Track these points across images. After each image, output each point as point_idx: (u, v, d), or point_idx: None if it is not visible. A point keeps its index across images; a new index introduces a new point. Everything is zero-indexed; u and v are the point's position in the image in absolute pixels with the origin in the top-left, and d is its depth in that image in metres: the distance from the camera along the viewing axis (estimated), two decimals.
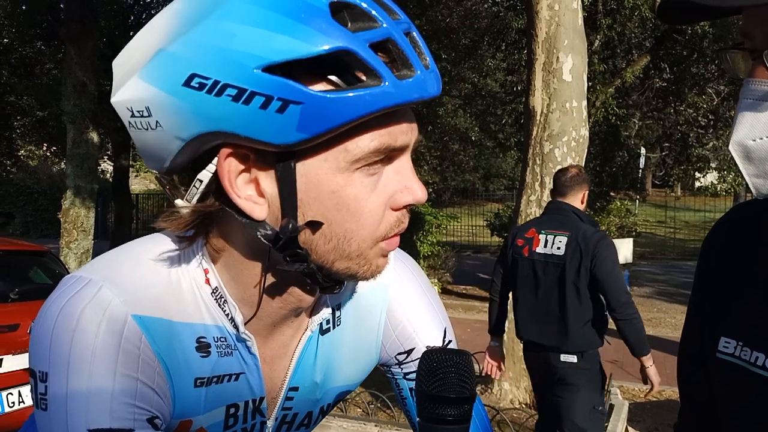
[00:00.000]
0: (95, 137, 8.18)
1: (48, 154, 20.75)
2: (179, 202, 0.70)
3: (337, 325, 0.87)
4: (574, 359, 3.14)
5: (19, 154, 19.70)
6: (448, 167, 17.04)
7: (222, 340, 0.77)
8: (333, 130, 0.63)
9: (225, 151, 0.65)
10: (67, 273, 4.81)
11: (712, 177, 18.50)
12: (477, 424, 0.91)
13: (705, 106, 10.89)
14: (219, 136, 0.64)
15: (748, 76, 0.69)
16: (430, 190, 13.98)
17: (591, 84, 8.32)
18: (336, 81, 0.63)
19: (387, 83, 0.62)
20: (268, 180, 0.67)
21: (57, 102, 9.78)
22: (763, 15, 0.67)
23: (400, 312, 0.91)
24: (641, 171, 17.39)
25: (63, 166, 16.50)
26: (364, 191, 0.68)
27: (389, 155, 0.69)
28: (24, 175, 21.20)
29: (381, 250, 0.72)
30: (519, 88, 10.49)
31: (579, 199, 3.21)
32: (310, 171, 0.66)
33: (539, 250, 3.17)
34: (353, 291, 0.88)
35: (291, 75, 0.61)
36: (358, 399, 5.11)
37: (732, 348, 0.79)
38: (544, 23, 5.12)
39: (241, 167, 0.67)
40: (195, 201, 0.69)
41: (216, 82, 0.61)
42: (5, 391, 3.80)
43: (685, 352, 0.92)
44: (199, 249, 0.76)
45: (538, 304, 3.19)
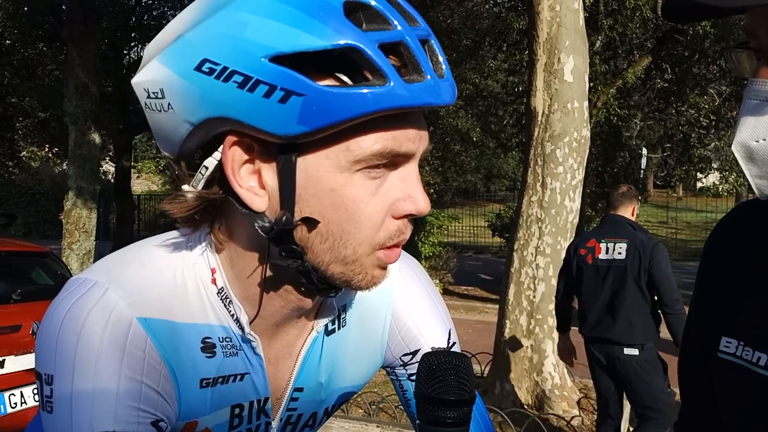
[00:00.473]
0: (97, 138, 8.19)
1: (50, 155, 20.79)
2: (185, 187, 0.71)
3: (343, 327, 0.87)
4: (636, 352, 3.59)
5: (21, 155, 19.75)
6: (449, 168, 17.03)
7: (227, 340, 0.77)
8: (334, 125, 0.63)
9: (230, 139, 0.66)
10: (69, 274, 4.84)
11: (713, 177, 18.51)
12: (480, 425, 0.91)
13: (707, 106, 10.87)
14: (225, 122, 0.65)
15: (752, 76, 0.68)
16: (431, 190, 13.97)
17: (592, 84, 8.32)
18: (344, 78, 0.63)
19: (392, 84, 0.62)
20: (270, 172, 0.67)
21: (59, 103, 9.78)
22: None
23: (405, 314, 0.91)
24: (643, 172, 17.38)
25: (65, 167, 16.51)
26: (364, 193, 0.67)
27: (394, 161, 0.68)
28: (26, 176, 21.24)
29: (378, 260, 0.71)
30: (520, 88, 10.48)
31: (630, 212, 3.73)
32: (310, 166, 0.66)
33: (602, 256, 3.65)
34: (359, 293, 0.88)
35: (300, 68, 0.61)
36: (359, 400, 5.10)
37: (733, 348, 0.78)
38: (545, 24, 5.12)
39: (245, 157, 0.67)
40: (200, 187, 0.70)
41: (225, 68, 0.62)
42: (7, 392, 3.79)
43: (687, 351, 0.91)
44: (205, 246, 0.76)
45: (603, 304, 3.63)
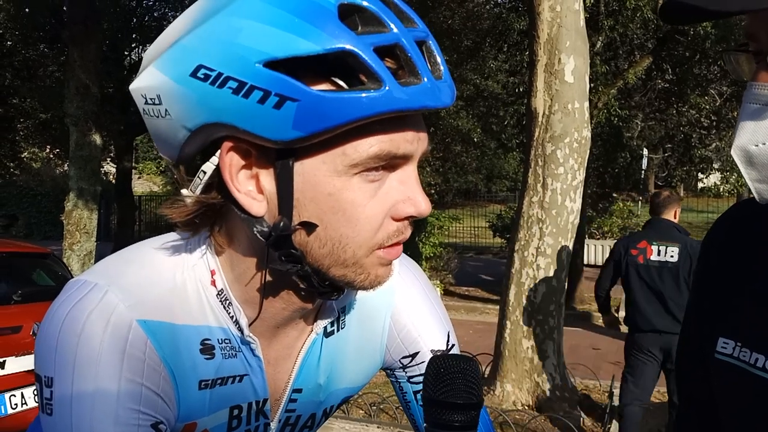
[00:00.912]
0: (98, 139, 8.18)
1: (51, 156, 20.78)
2: (184, 191, 0.71)
3: (342, 329, 0.87)
4: None
5: (23, 156, 19.75)
6: (450, 168, 17.00)
7: (226, 342, 0.77)
8: (329, 130, 0.62)
9: (227, 145, 0.66)
10: (70, 275, 4.83)
11: (714, 178, 18.48)
12: (480, 426, 0.91)
13: (708, 107, 10.85)
14: (221, 128, 0.65)
15: (751, 79, 0.68)
16: (432, 191, 13.96)
17: (593, 85, 8.31)
18: (339, 83, 0.63)
19: (387, 88, 0.61)
20: (267, 177, 0.67)
21: (60, 104, 9.78)
22: None
23: (404, 316, 0.91)
24: (644, 172, 17.35)
25: (66, 168, 16.51)
26: (362, 197, 0.67)
27: (392, 163, 0.67)
28: (27, 177, 21.26)
29: (379, 259, 0.71)
30: (521, 89, 10.47)
31: (672, 215, 4.09)
32: (307, 171, 0.66)
33: (653, 258, 4.01)
34: (358, 294, 0.88)
35: (295, 73, 0.61)
36: (360, 401, 5.10)
37: (730, 349, 0.78)
38: (545, 24, 5.11)
39: (243, 162, 0.67)
40: (199, 191, 0.70)
41: (219, 74, 0.62)
42: (8, 393, 3.79)
43: (685, 350, 0.91)
44: (205, 249, 0.76)
45: (655, 299, 4.00)
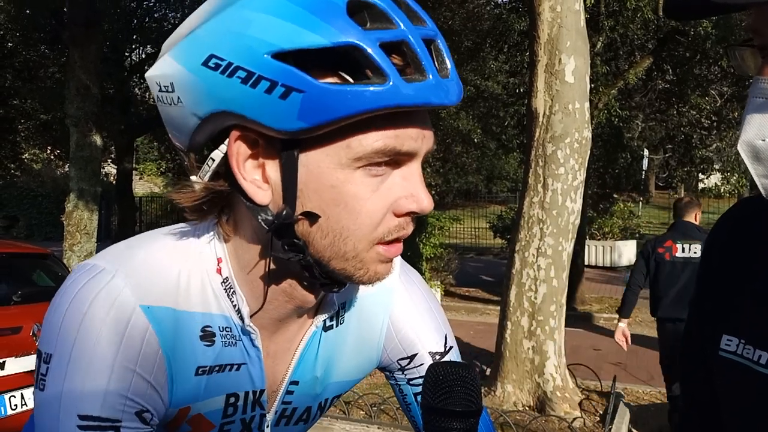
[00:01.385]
0: (98, 140, 8.19)
1: (52, 157, 20.80)
2: (193, 177, 0.74)
3: (341, 324, 0.88)
4: None
5: (23, 157, 19.77)
6: (450, 169, 17.03)
7: (227, 330, 0.78)
8: (333, 122, 0.63)
9: (235, 134, 0.68)
10: None
11: (715, 178, 18.48)
12: (481, 426, 0.91)
13: (708, 107, 10.85)
14: (230, 117, 0.67)
15: (757, 74, 0.68)
16: (433, 192, 13.96)
17: (593, 86, 8.31)
18: (345, 77, 0.64)
19: (392, 83, 0.62)
20: (273, 167, 0.69)
21: (60, 105, 9.80)
22: None
23: (403, 317, 0.92)
24: (644, 173, 17.38)
25: (66, 169, 16.54)
26: (364, 191, 0.68)
27: (396, 159, 0.68)
28: (28, 178, 21.26)
29: (379, 255, 0.72)
30: (521, 90, 10.47)
31: (693, 217, 4.58)
32: (311, 162, 0.67)
33: (678, 255, 4.46)
34: (358, 292, 0.89)
35: (302, 66, 0.63)
36: (360, 402, 5.10)
37: (734, 346, 0.78)
38: (546, 25, 5.11)
39: (250, 151, 0.69)
40: (207, 178, 0.72)
41: (230, 63, 0.64)
42: (8, 394, 3.79)
43: (687, 350, 0.91)
44: (213, 236, 0.78)
45: (679, 292, 4.36)
